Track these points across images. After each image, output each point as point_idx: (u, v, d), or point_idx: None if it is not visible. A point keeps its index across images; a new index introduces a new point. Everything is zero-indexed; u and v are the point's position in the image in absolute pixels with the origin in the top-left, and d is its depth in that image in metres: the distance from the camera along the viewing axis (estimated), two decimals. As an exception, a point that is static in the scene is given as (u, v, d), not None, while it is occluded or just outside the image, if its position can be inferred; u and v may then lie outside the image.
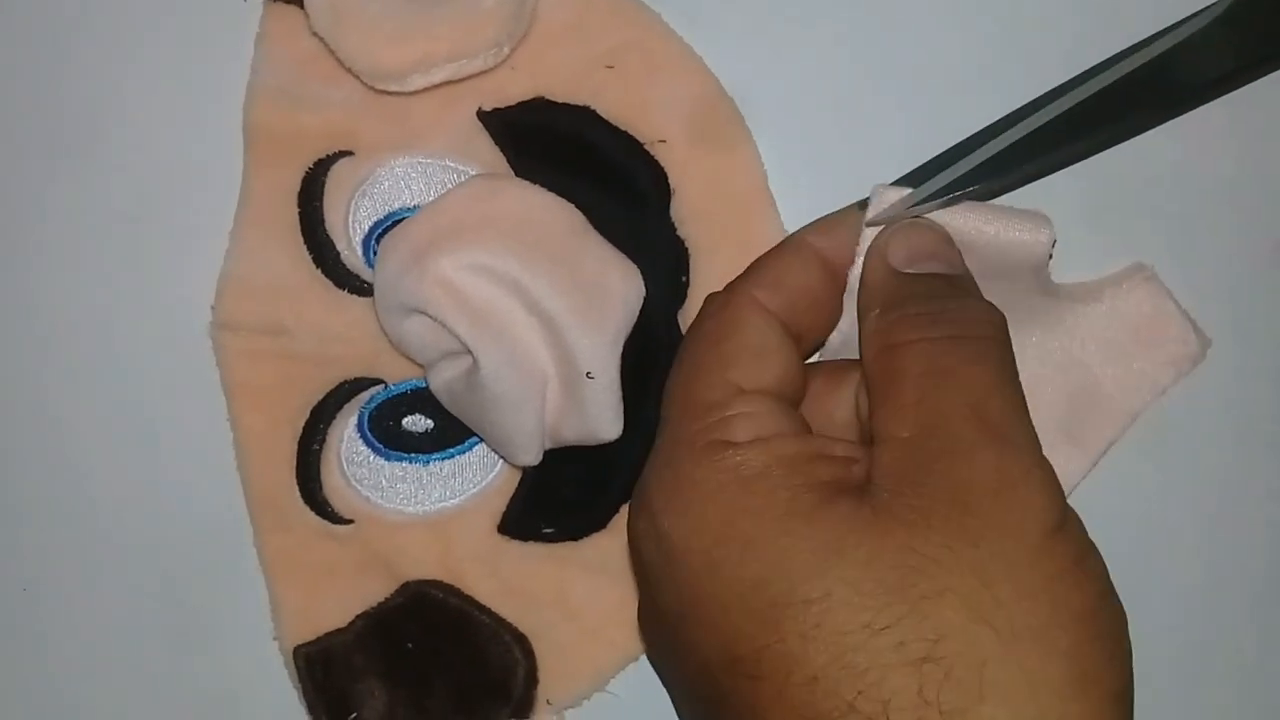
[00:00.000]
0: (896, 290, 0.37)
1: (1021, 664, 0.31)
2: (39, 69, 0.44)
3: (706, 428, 0.35)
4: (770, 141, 0.44)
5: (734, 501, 0.33)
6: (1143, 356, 0.44)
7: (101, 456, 0.45)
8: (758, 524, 0.33)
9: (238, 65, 0.43)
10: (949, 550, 0.32)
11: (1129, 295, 0.44)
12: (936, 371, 0.34)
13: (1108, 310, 0.44)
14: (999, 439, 0.33)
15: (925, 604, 0.31)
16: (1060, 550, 0.32)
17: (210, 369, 0.44)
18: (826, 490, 0.33)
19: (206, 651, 0.45)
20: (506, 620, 0.44)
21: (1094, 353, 0.44)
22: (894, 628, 0.31)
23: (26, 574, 0.45)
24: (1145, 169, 0.45)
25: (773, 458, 0.34)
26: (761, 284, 0.37)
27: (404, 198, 0.43)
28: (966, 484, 0.33)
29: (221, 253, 0.43)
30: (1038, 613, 0.31)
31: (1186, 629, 0.46)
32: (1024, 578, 0.32)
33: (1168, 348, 0.44)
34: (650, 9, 0.43)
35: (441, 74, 0.42)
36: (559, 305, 0.40)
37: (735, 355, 0.36)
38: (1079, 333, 0.44)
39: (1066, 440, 0.44)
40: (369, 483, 0.44)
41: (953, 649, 0.31)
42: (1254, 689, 0.46)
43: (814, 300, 0.38)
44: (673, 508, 0.34)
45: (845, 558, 0.32)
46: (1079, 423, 0.44)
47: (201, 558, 0.45)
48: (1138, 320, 0.44)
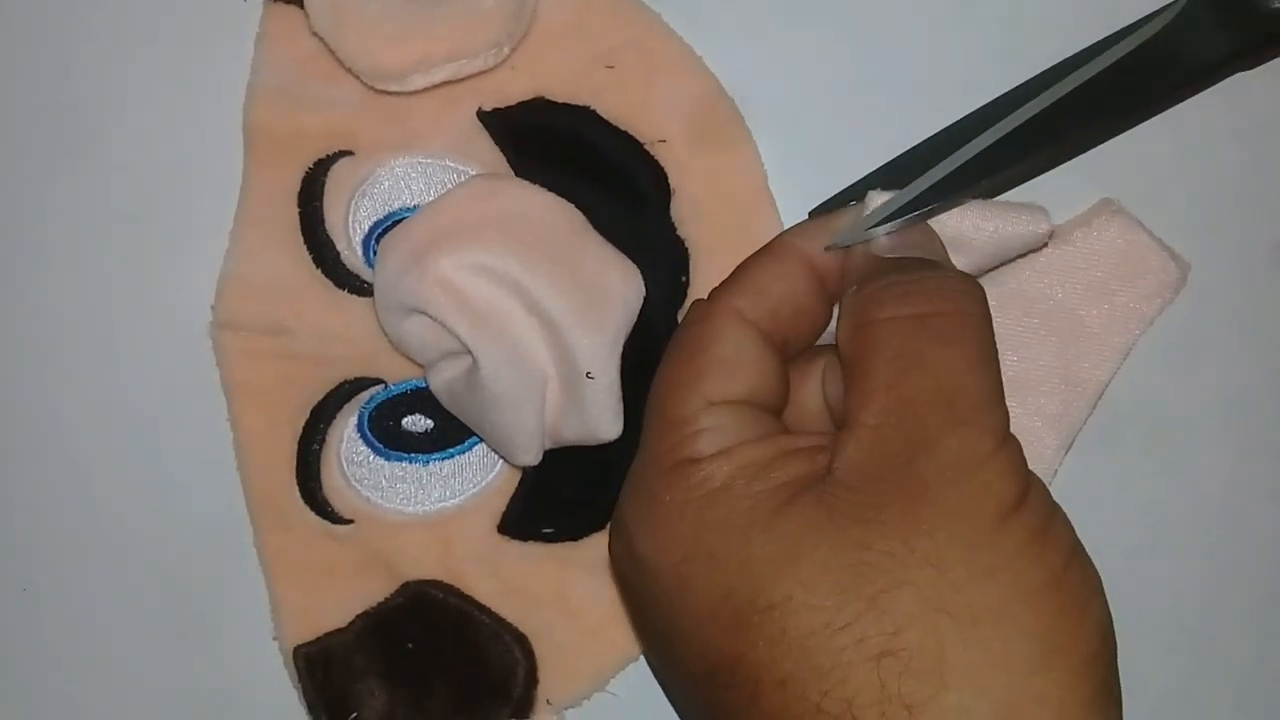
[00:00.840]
0: (876, 268, 0.36)
1: (984, 646, 0.31)
2: (38, 69, 0.44)
3: (673, 446, 0.35)
4: (770, 141, 0.44)
5: (699, 517, 0.34)
6: (1124, 290, 0.44)
7: (101, 457, 0.45)
8: (721, 537, 0.33)
9: (238, 65, 0.43)
10: (903, 543, 0.32)
11: (1101, 232, 0.44)
12: (907, 354, 0.34)
13: (1081, 250, 0.44)
14: (964, 424, 0.33)
15: (882, 599, 0.31)
16: (1019, 525, 0.32)
17: (210, 369, 0.44)
18: (786, 492, 0.33)
19: (207, 651, 0.45)
20: (506, 620, 0.44)
21: (1076, 294, 0.44)
22: (853, 625, 0.31)
23: (26, 574, 0.45)
24: (1145, 169, 0.45)
25: (735, 467, 0.34)
26: (743, 292, 0.37)
27: (404, 198, 0.43)
28: (925, 476, 0.33)
29: (221, 253, 0.43)
30: (996, 592, 0.32)
31: (1187, 629, 0.46)
32: (980, 559, 0.32)
33: (1148, 279, 0.44)
34: (650, 9, 0.43)
35: (441, 74, 0.41)
36: (559, 305, 0.40)
37: (707, 369, 0.36)
38: (1056, 276, 0.44)
39: (1065, 384, 0.44)
40: (369, 483, 0.44)
41: (911, 640, 0.31)
42: (1254, 689, 0.46)
43: (798, 307, 0.37)
44: (644, 529, 0.35)
45: (803, 560, 0.32)
46: (1073, 365, 0.44)
47: (201, 558, 0.45)
48: (1114, 256, 0.44)
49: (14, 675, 0.45)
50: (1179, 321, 0.45)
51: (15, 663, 0.45)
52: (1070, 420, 0.45)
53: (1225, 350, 0.46)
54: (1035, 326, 0.44)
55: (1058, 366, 0.44)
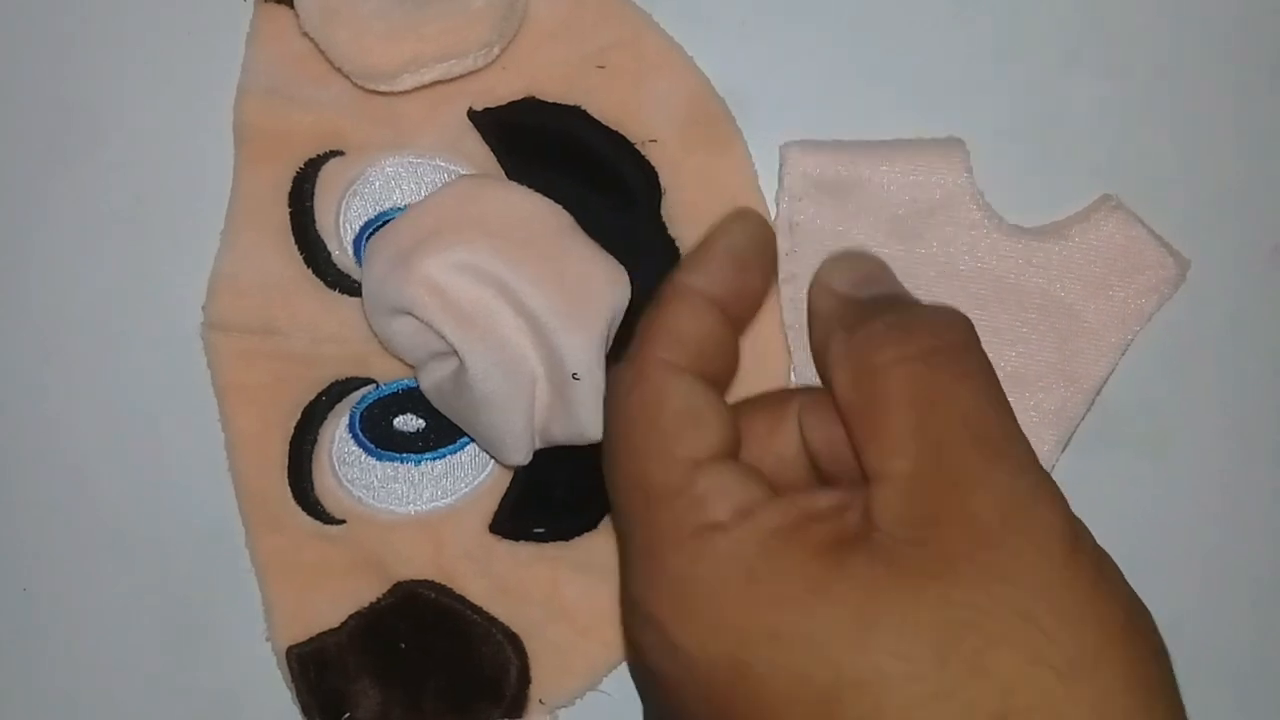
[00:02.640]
0: (856, 310, 0.35)
1: (1091, 702, 0.30)
2: (31, 69, 0.44)
3: (680, 515, 0.32)
4: (761, 141, 0.44)
5: (745, 593, 0.31)
6: (1122, 286, 0.44)
7: (93, 457, 0.45)
8: (777, 613, 0.31)
9: (229, 65, 0.43)
10: (985, 593, 0.30)
11: (1099, 227, 0.44)
12: (926, 395, 0.32)
13: (1080, 245, 0.44)
14: (1002, 459, 0.32)
15: (981, 659, 0.29)
16: (1086, 561, 0.31)
17: (202, 370, 0.44)
18: (831, 554, 0.31)
19: (201, 652, 0.45)
20: (499, 620, 0.44)
21: (1073, 289, 0.44)
22: (958, 692, 0.29)
23: (25, 574, 0.45)
24: (1145, 169, 0.45)
25: (764, 532, 0.32)
26: (664, 344, 0.35)
27: (395, 197, 0.43)
28: (980, 516, 0.31)
29: (213, 253, 0.43)
30: (1087, 639, 0.30)
31: (1187, 629, 0.46)
32: (1063, 604, 0.30)
33: (1146, 274, 0.44)
34: (641, 9, 0.43)
35: (432, 74, 0.41)
36: (544, 306, 0.40)
37: (673, 429, 0.33)
38: (1054, 271, 0.44)
39: (1063, 380, 0.44)
40: (361, 483, 0.44)
41: (1025, 702, 0.29)
42: (1254, 689, 0.46)
43: (717, 344, 0.35)
44: (679, 614, 0.32)
45: (882, 626, 0.30)
46: (1071, 360, 0.44)
47: (193, 558, 0.45)
48: (1112, 251, 0.44)
49: (14, 675, 0.46)
50: (1179, 321, 0.45)
51: (14, 663, 0.46)
52: (1068, 416, 0.44)
53: (1225, 350, 0.45)
54: (1034, 322, 0.44)
55: (1055, 362, 0.44)
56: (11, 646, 0.46)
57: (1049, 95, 0.45)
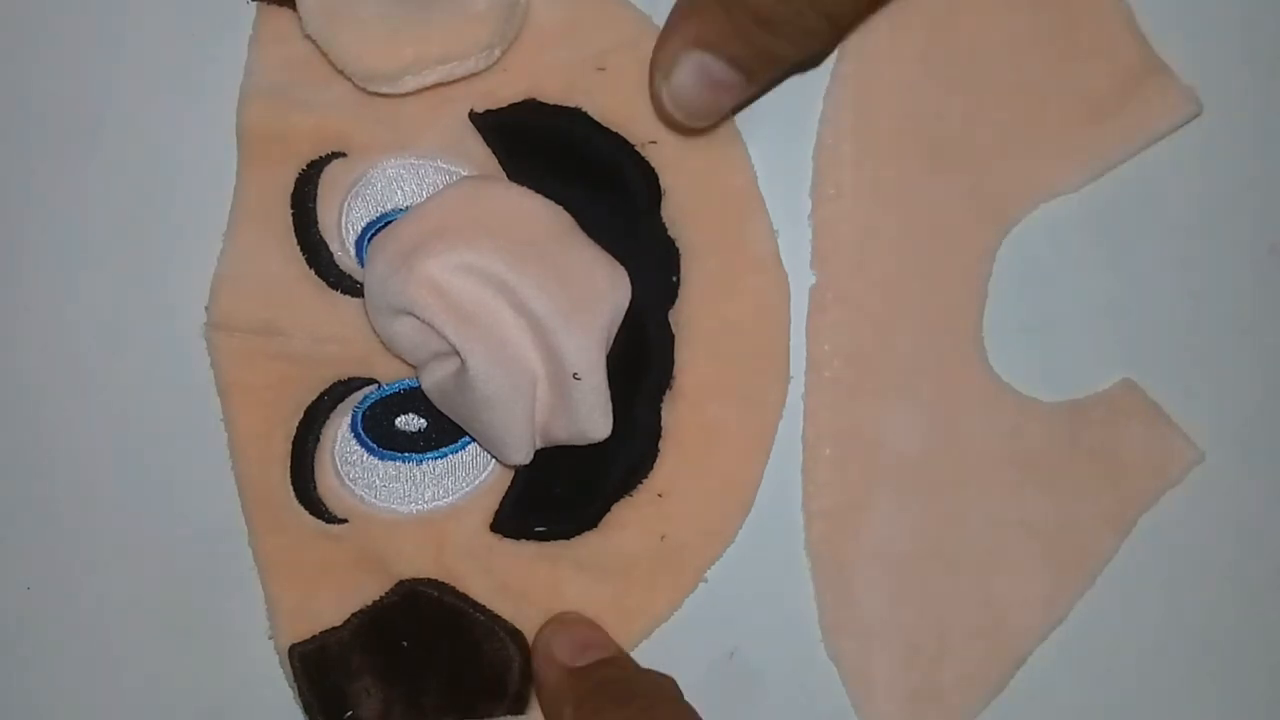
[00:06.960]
0: (578, 685, 0.41)
1: None
2: (35, 72, 0.44)
3: None
4: (761, 142, 0.44)
5: None
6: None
7: (96, 458, 0.45)
8: None
9: (231, 67, 0.43)
10: None
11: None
12: None
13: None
14: None
15: None
16: None
17: (204, 370, 0.44)
18: None
19: (204, 650, 0.45)
20: (501, 617, 0.44)
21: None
22: None
23: (25, 574, 0.46)
24: (1145, 169, 0.45)
25: None
26: None
27: (396, 199, 0.43)
28: None
29: (215, 254, 0.43)
30: None
31: (1186, 629, 0.46)
32: None
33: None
34: (641, 11, 0.43)
35: (433, 76, 0.41)
36: (546, 306, 0.40)
37: None
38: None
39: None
40: (363, 482, 0.44)
41: None
42: (1254, 689, 0.46)
43: None
44: None
45: None
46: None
47: (196, 558, 0.45)
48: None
49: (13, 675, 0.46)
50: (1178, 321, 0.45)
51: (15, 662, 0.46)
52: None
53: (1224, 350, 0.45)
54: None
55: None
56: (15, 645, 0.46)
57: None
